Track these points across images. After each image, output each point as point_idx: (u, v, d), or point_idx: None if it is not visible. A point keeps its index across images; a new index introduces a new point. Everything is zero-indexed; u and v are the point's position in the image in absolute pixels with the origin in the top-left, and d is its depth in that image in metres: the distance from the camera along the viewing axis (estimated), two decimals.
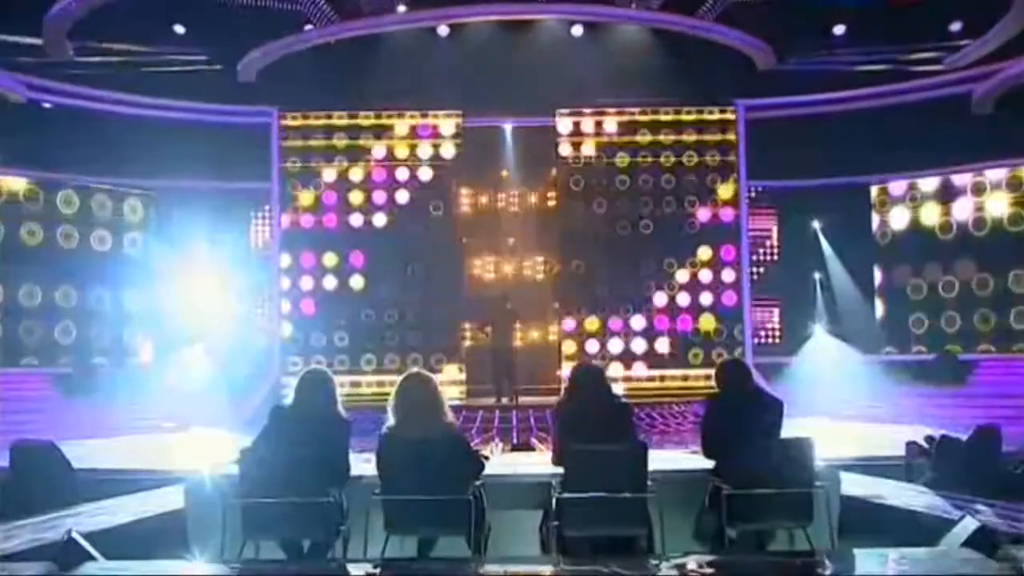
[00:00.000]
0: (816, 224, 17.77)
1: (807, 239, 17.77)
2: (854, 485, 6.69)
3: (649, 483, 5.29)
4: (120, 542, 5.64)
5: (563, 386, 6.06)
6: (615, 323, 17.39)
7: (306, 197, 17.56)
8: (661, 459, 6.08)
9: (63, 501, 7.11)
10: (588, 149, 17.67)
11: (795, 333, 17.65)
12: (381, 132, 17.65)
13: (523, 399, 15.40)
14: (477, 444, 11.64)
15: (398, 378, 5.54)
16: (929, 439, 7.93)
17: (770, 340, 18.07)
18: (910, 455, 7.97)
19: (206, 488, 5.86)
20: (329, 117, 17.63)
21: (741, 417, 5.53)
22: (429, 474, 5.17)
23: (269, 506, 5.18)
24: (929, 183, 16.96)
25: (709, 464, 5.66)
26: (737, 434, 5.44)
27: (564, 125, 17.63)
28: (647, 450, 5.37)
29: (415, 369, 5.63)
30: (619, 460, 5.33)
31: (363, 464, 5.90)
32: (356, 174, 17.59)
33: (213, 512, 5.45)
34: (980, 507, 6.15)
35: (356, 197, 17.55)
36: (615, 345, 17.30)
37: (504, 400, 15.30)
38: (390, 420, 5.39)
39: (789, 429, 5.62)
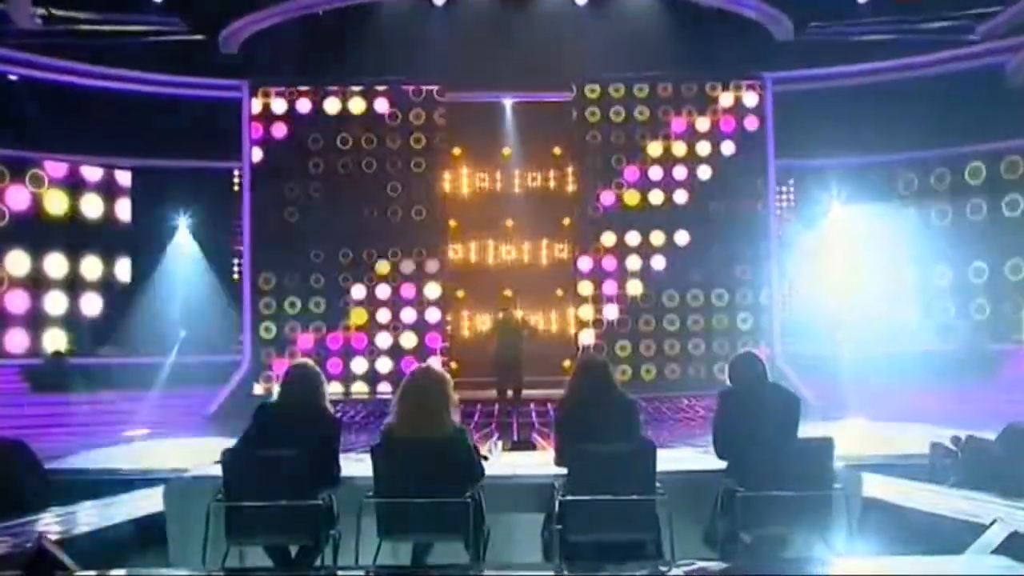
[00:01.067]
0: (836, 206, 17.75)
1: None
2: (875, 487, 6.71)
3: (657, 485, 5.31)
4: (95, 549, 5.67)
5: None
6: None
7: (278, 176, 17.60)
8: (670, 459, 6.07)
9: (32, 504, 7.08)
10: (601, 125, 17.69)
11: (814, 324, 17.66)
12: (366, 107, 17.66)
13: (524, 391, 15.34)
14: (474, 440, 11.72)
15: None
16: (955, 439, 7.95)
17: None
18: (935, 456, 7.99)
19: (187, 490, 5.87)
20: (315, 92, 17.66)
21: (756, 415, 5.53)
22: (427, 477, 5.19)
23: (254, 510, 5.21)
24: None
25: (721, 465, 5.67)
26: (751, 433, 5.45)
27: (576, 100, 17.69)
28: (655, 450, 5.37)
29: (426, 364, 5.62)
30: (626, 460, 5.34)
31: (356, 464, 5.92)
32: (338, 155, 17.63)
33: (195, 516, 5.45)
34: (1011, 511, 6.16)
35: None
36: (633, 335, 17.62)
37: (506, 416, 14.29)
38: (391, 416, 5.40)
39: (811, 428, 5.64)
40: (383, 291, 17.65)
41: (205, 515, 5.33)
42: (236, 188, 17.82)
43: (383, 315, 17.71)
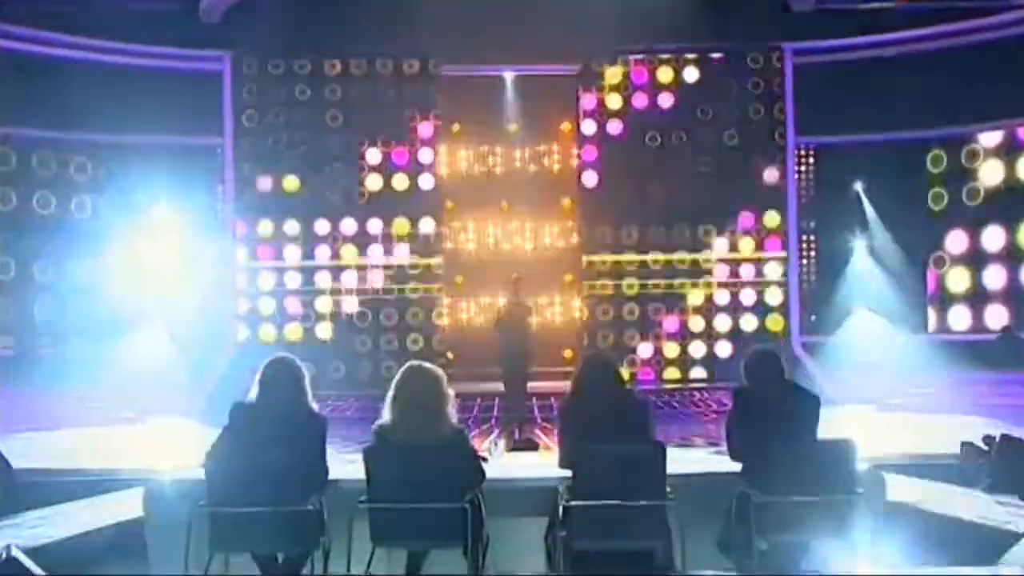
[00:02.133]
0: (859, 186, 17.72)
1: (847, 203, 17.73)
2: (901, 490, 6.72)
3: (668, 489, 5.34)
4: (68, 557, 5.67)
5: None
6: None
7: (263, 155, 17.61)
8: (682, 461, 6.11)
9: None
10: (612, 101, 17.68)
11: (834, 309, 17.70)
12: (353, 81, 17.66)
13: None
14: (472, 438, 11.73)
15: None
16: (988, 439, 7.95)
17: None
18: (966, 457, 7.99)
19: (168, 494, 5.89)
20: (294, 66, 17.62)
21: (772, 414, 5.55)
22: (423, 481, 5.20)
23: (240, 516, 5.22)
24: (991, 137, 16.87)
25: (736, 467, 5.70)
26: (768, 434, 5.47)
27: (586, 73, 17.67)
28: (666, 452, 5.40)
29: (419, 362, 5.59)
30: (634, 463, 5.37)
31: (347, 467, 5.94)
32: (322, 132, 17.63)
33: (176, 522, 5.46)
34: None
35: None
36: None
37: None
38: (384, 417, 5.41)
39: (826, 420, 5.65)
40: (375, 276, 17.64)
41: (187, 521, 5.33)
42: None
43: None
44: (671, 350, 17.57)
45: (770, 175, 17.66)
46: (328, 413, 6.14)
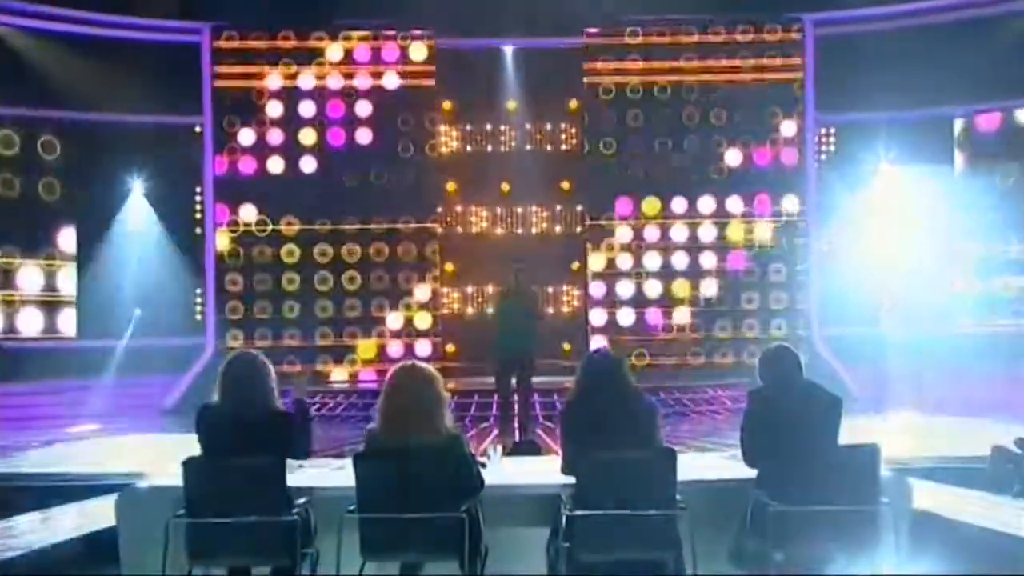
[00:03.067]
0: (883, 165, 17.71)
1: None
2: (927, 497, 6.72)
3: (678, 497, 5.32)
4: (36, 571, 5.66)
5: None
6: (653, 287, 17.79)
7: (245, 136, 17.56)
8: (692, 467, 6.09)
9: None
10: (619, 76, 17.67)
11: (857, 299, 17.67)
12: (339, 56, 17.64)
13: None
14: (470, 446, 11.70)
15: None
16: (1020, 441, 7.95)
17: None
18: (996, 461, 7.99)
19: (143, 502, 5.88)
20: (274, 38, 17.57)
21: (790, 417, 5.53)
22: (417, 489, 5.20)
23: (221, 526, 5.21)
24: None
25: (751, 474, 5.68)
26: (785, 438, 5.45)
27: (590, 47, 17.67)
28: (675, 457, 5.39)
29: (411, 362, 5.57)
30: (642, 469, 5.36)
31: (336, 474, 5.93)
32: (307, 108, 17.63)
33: (152, 532, 5.44)
34: None
35: (307, 136, 17.65)
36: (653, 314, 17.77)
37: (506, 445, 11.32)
38: (375, 420, 5.40)
39: (847, 420, 5.64)
40: (366, 267, 17.65)
41: (164, 531, 5.32)
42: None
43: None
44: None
45: (788, 155, 17.63)
46: None
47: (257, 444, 5.35)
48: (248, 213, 17.58)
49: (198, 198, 17.89)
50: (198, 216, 17.92)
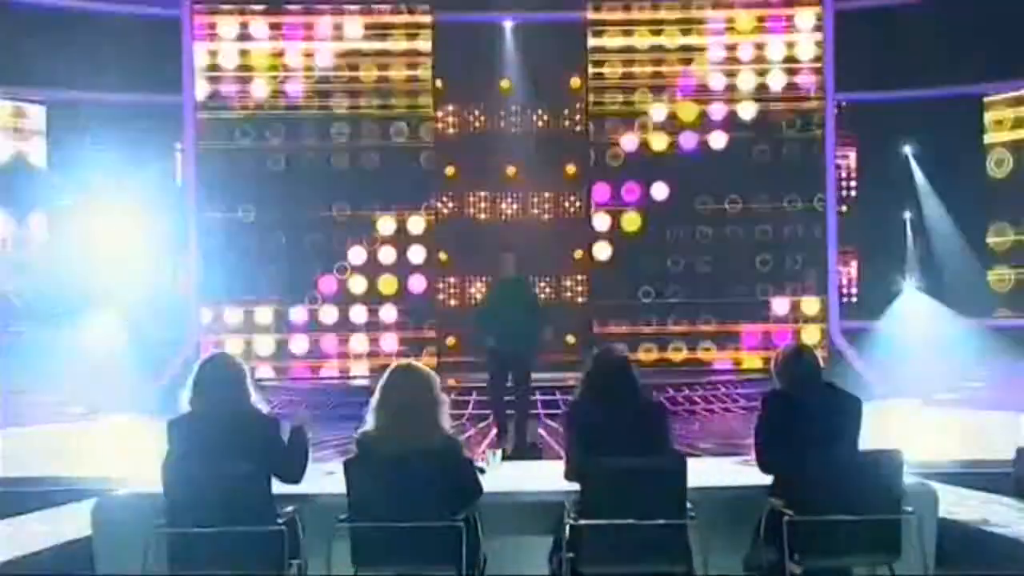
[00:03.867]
0: (908, 150, 17.69)
1: (895, 169, 17.71)
2: (955, 504, 6.72)
3: (689, 505, 5.32)
4: None
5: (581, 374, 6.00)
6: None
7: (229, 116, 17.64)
8: (704, 473, 6.08)
9: None
10: (628, 53, 17.61)
11: (877, 290, 17.71)
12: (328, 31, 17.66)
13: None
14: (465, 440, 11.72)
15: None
16: None
17: (844, 299, 18.23)
18: (1023, 464, 7.99)
19: (122, 510, 5.87)
20: (259, 12, 17.58)
21: (807, 421, 5.54)
22: (412, 496, 5.20)
23: (204, 537, 5.21)
24: None
25: (766, 480, 5.69)
26: (802, 443, 5.45)
27: (595, 21, 17.64)
28: (686, 463, 5.39)
29: (407, 361, 5.57)
30: (650, 476, 5.35)
31: (326, 479, 5.93)
32: (295, 87, 17.67)
33: (131, 543, 5.44)
34: None
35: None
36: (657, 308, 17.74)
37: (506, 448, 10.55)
38: (368, 423, 5.40)
39: (868, 416, 5.64)
40: (357, 255, 17.65)
41: (144, 542, 5.31)
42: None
43: (358, 284, 17.74)
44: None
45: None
46: None
47: (239, 450, 5.34)
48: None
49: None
50: None
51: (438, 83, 18.03)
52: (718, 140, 17.67)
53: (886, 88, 17.25)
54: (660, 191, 17.68)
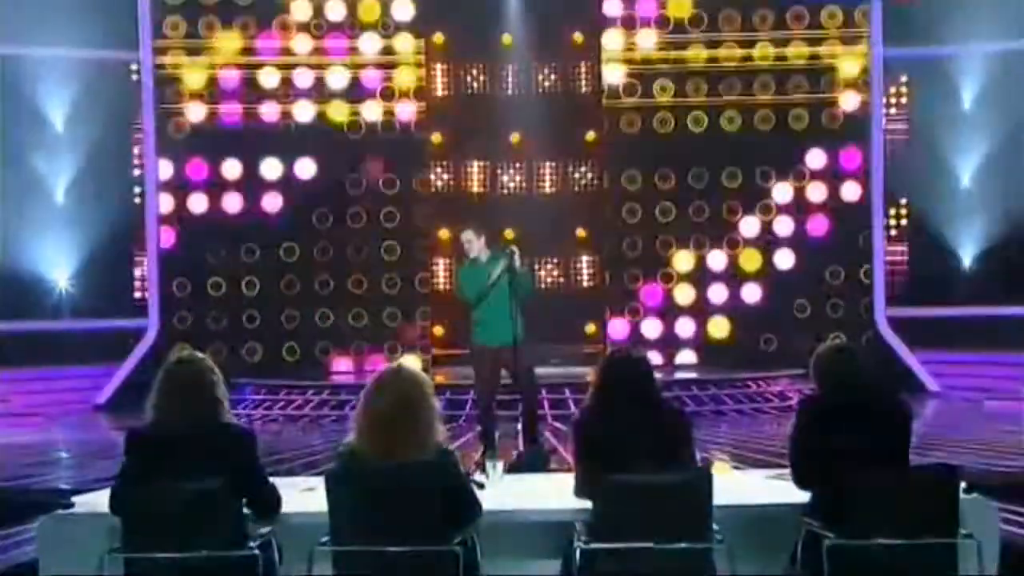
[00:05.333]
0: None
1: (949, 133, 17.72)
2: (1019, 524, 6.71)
3: (715, 527, 5.33)
4: None
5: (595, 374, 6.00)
6: (683, 260, 17.83)
7: (194, 77, 17.50)
8: (731, 489, 6.07)
9: None
10: (644, 6, 17.79)
11: (932, 273, 17.69)
12: None
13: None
14: (458, 446, 11.72)
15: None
16: None
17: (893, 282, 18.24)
18: None
19: (71, 531, 5.86)
20: None
21: (849, 431, 5.53)
22: (402, 516, 5.21)
23: (166, 562, 5.22)
24: None
25: (802, 497, 5.70)
26: (844, 457, 5.44)
27: None
28: (711, 479, 5.38)
29: (397, 364, 5.56)
30: (671, 494, 5.35)
31: (304, 496, 5.94)
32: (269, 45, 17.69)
33: (82, 566, 5.46)
34: None
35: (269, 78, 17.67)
36: (682, 294, 17.88)
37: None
38: (352, 435, 5.41)
39: (920, 418, 5.64)
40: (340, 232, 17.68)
41: (97, 565, 5.32)
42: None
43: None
44: (717, 328, 17.62)
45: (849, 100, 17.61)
46: None
47: (207, 465, 5.32)
48: (197, 172, 17.56)
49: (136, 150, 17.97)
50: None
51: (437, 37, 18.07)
52: None
53: None
54: None
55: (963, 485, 5.48)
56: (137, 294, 18.02)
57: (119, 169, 17.91)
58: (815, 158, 17.67)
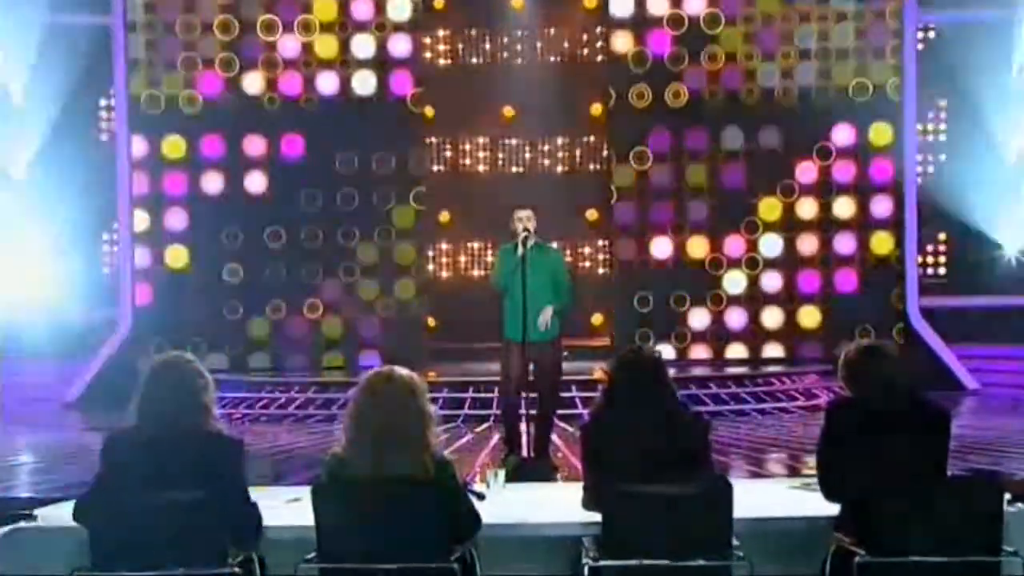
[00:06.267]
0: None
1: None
2: None
3: (736, 542, 5.34)
4: None
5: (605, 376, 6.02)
6: (696, 245, 17.79)
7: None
8: (753, 501, 6.05)
9: None
10: None
11: (972, 261, 17.69)
12: None
13: None
14: (455, 450, 11.74)
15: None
16: None
17: (931, 271, 18.20)
18: None
19: (36, 546, 5.87)
20: None
21: (882, 439, 5.54)
22: (393, 532, 5.21)
23: None
24: None
25: (831, 510, 5.70)
26: (877, 467, 5.45)
27: None
28: (731, 490, 5.38)
29: (388, 368, 5.53)
30: (689, 506, 5.36)
31: (288, 509, 5.93)
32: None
33: None
34: None
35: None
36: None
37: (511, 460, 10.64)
38: (341, 444, 5.43)
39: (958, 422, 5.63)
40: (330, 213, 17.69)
41: None
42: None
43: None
44: (735, 319, 17.67)
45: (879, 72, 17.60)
46: None
47: (189, 476, 5.33)
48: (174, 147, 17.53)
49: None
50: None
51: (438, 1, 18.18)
52: None
53: None
54: None
55: (1007, 496, 5.47)
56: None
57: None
58: (843, 134, 17.59)
